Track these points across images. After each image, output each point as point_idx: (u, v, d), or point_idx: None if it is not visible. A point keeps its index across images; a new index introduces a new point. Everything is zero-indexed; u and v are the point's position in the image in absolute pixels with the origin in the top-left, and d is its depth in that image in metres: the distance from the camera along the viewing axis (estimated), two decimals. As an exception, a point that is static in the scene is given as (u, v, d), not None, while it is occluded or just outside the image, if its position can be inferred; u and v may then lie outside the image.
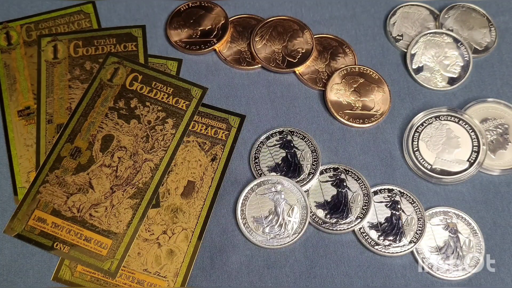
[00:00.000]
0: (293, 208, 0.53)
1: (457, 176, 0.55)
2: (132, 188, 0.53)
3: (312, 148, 0.56)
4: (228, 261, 0.51)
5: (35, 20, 0.62)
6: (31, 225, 0.51)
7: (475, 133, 0.56)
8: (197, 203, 0.53)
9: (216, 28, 0.62)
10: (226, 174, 0.54)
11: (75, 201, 0.52)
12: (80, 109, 0.56)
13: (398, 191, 0.54)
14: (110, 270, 0.50)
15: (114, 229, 0.51)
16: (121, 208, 0.52)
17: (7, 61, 0.59)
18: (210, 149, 0.55)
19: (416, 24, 0.63)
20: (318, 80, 0.60)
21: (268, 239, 0.52)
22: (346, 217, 0.53)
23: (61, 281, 0.50)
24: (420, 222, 0.52)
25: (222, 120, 0.57)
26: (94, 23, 0.62)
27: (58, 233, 0.51)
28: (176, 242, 0.51)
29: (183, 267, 0.50)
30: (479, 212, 0.54)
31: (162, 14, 0.63)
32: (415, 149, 0.56)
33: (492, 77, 0.61)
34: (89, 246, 0.51)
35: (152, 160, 0.54)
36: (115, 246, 0.51)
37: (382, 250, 0.51)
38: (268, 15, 0.63)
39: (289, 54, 0.61)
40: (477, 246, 0.52)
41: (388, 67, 0.61)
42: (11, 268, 0.50)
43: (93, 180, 0.53)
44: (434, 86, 0.60)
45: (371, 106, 0.58)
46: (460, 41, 0.61)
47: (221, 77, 0.60)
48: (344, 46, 0.62)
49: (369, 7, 0.65)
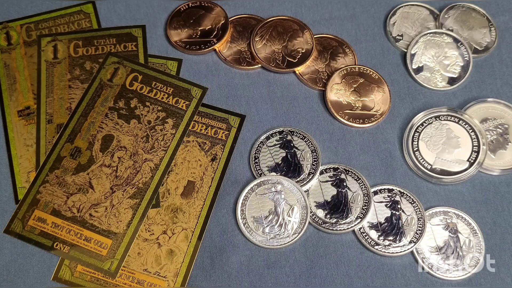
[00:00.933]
0: (293, 208, 0.53)
1: (457, 176, 0.55)
2: (132, 188, 0.53)
3: (312, 148, 0.56)
4: (228, 261, 0.51)
5: (35, 20, 0.62)
6: (31, 225, 0.51)
7: (475, 133, 0.56)
8: (197, 203, 0.53)
9: (216, 28, 0.62)
10: (226, 174, 0.54)
11: (75, 201, 0.52)
12: (80, 109, 0.56)
13: (398, 191, 0.54)
14: (110, 270, 0.50)
15: (114, 229, 0.51)
16: (121, 208, 0.52)
17: (7, 61, 0.59)
18: (210, 149, 0.55)
19: (416, 24, 0.63)
20: (318, 80, 0.60)
21: (268, 239, 0.52)
22: (346, 217, 0.53)
23: (61, 281, 0.50)
24: (420, 222, 0.52)
25: (222, 120, 0.57)
26: (94, 23, 0.62)
27: (58, 233, 0.51)
28: (176, 242, 0.51)
29: (183, 267, 0.50)
30: (479, 212, 0.54)
31: (162, 14, 0.63)
32: (415, 149, 0.56)
33: (492, 77, 0.61)
34: (89, 246, 0.51)
35: (152, 160, 0.54)
36: (115, 246, 0.51)
37: (382, 250, 0.51)
38: (268, 15, 0.63)
39: (289, 54, 0.61)
40: (477, 246, 0.52)
41: (388, 67, 0.61)
42: (11, 268, 0.50)
43: (93, 180, 0.53)
44: (434, 86, 0.60)
45: (371, 106, 0.58)
46: (460, 41, 0.61)
47: (221, 77, 0.60)
48: (344, 46, 0.62)
49: (369, 7, 0.65)
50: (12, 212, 0.52)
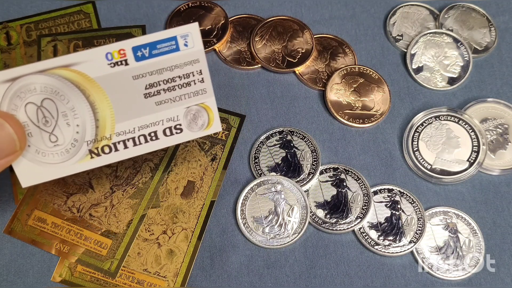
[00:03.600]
0: (293, 208, 0.53)
1: (457, 176, 0.55)
2: (132, 188, 0.53)
3: (312, 148, 0.56)
4: (228, 261, 0.51)
5: (35, 20, 0.62)
6: (30, 225, 0.51)
7: (475, 133, 0.56)
8: (197, 203, 0.53)
9: (216, 28, 0.62)
10: (226, 174, 0.54)
11: (75, 201, 0.52)
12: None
13: (398, 191, 0.54)
14: (110, 270, 0.50)
15: (114, 229, 0.51)
16: (121, 208, 0.52)
17: (7, 61, 0.59)
18: (210, 149, 0.55)
19: (416, 24, 0.63)
20: (318, 80, 0.60)
21: (268, 239, 0.52)
22: (346, 217, 0.53)
23: (61, 281, 0.50)
24: (420, 222, 0.52)
25: (222, 120, 0.57)
26: (94, 23, 0.62)
27: (58, 233, 0.51)
28: (176, 242, 0.51)
29: (183, 267, 0.50)
30: (479, 212, 0.54)
31: (162, 14, 0.63)
32: (415, 149, 0.56)
33: (492, 77, 0.61)
34: (89, 246, 0.50)
35: (152, 160, 0.54)
36: (115, 246, 0.50)
37: (382, 250, 0.51)
38: (268, 15, 0.63)
39: (289, 54, 0.61)
40: (477, 246, 0.52)
41: (388, 67, 0.61)
42: (11, 268, 0.50)
43: (93, 180, 0.53)
44: (434, 86, 0.60)
45: (371, 106, 0.58)
46: (460, 41, 0.61)
47: (221, 77, 0.60)
48: (344, 46, 0.62)
49: (369, 7, 0.65)
50: (12, 212, 0.52)
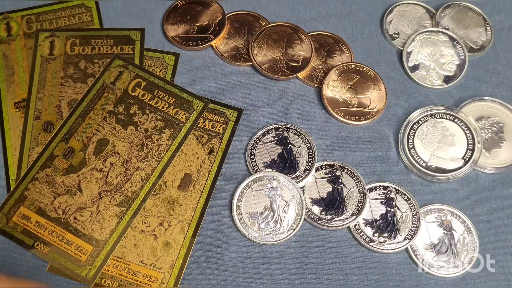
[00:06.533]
0: (288, 204, 0.53)
1: (452, 174, 0.55)
2: (120, 195, 0.52)
3: (308, 144, 0.56)
4: (223, 256, 0.51)
5: (36, 11, 0.61)
6: (14, 221, 0.50)
7: (470, 131, 0.56)
8: (193, 196, 0.53)
9: (213, 24, 0.62)
10: (222, 169, 0.54)
11: (61, 202, 0.51)
12: (79, 109, 0.55)
13: (393, 188, 0.54)
14: (87, 277, 0.49)
15: (96, 235, 0.50)
16: (106, 215, 0.51)
17: (6, 52, 0.59)
18: (207, 142, 0.55)
19: (413, 22, 0.64)
20: (314, 77, 0.60)
21: (264, 235, 0.52)
22: (341, 214, 0.53)
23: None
24: (415, 219, 0.52)
25: (220, 113, 0.57)
26: (95, 17, 0.61)
27: (41, 233, 0.50)
28: (172, 234, 0.51)
29: (179, 259, 0.50)
30: (474, 210, 0.54)
31: (159, 9, 0.63)
32: (411, 147, 0.56)
33: (488, 76, 0.61)
34: (69, 250, 0.50)
35: (144, 170, 0.53)
36: (95, 253, 0.50)
37: (377, 246, 0.52)
38: (265, 11, 0.63)
39: (291, 59, 0.60)
40: (471, 244, 0.52)
41: (384, 65, 0.61)
42: (5, 263, 0.50)
43: (83, 183, 0.53)
44: (430, 84, 0.60)
45: (367, 103, 0.58)
46: (456, 40, 0.62)
47: (218, 73, 0.60)
48: (340, 44, 0.62)
49: (366, 5, 0.65)
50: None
